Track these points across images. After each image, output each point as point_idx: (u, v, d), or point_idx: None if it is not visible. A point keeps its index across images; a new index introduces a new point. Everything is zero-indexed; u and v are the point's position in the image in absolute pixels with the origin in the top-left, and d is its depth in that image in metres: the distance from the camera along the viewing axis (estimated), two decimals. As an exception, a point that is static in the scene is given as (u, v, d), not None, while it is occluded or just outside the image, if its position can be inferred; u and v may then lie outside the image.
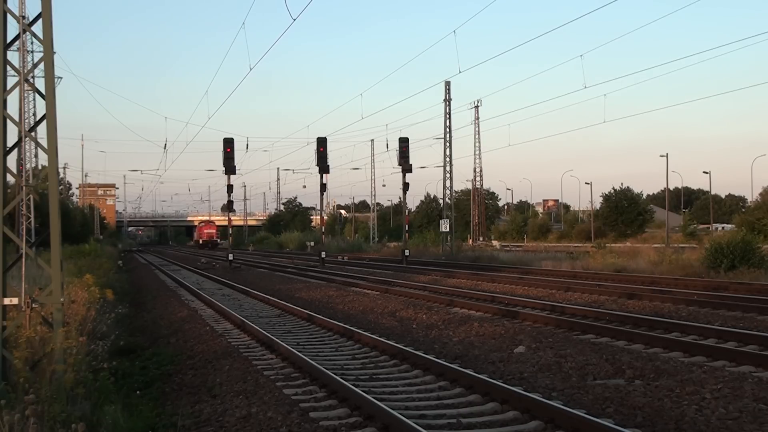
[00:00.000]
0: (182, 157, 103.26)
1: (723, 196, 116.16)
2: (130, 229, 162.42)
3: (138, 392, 9.39)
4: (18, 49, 36.86)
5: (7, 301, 8.43)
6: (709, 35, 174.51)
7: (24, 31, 9.25)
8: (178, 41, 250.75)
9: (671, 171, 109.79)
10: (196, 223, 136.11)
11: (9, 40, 8.78)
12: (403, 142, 42.91)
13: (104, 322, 12.85)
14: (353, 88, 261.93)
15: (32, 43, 42.19)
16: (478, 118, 69.18)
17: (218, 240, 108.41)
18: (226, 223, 66.41)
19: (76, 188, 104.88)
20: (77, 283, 13.01)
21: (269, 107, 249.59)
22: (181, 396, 9.58)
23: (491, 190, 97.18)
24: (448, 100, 53.90)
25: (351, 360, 11.76)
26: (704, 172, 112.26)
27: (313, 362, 10.51)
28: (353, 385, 9.16)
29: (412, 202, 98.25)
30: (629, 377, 9.78)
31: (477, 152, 72.70)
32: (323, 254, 43.32)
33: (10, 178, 11.24)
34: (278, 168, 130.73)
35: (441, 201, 70.84)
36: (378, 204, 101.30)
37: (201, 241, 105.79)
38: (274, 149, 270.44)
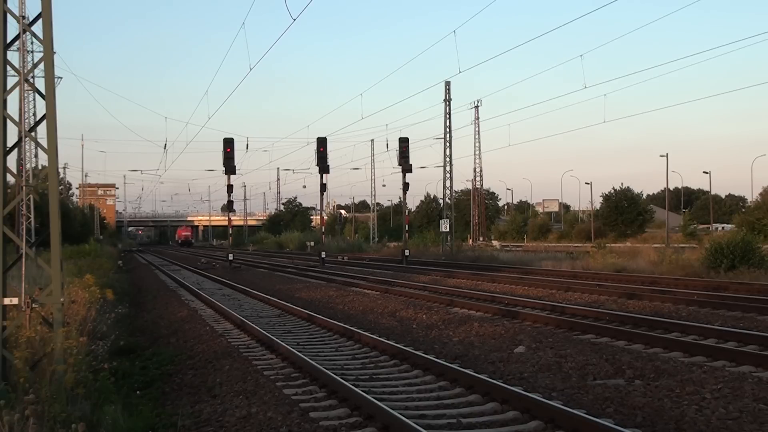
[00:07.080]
0: (182, 157, 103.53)
1: (723, 196, 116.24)
2: (130, 229, 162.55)
3: (138, 392, 9.40)
4: (18, 49, 36.77)
5: (7, 301, 8.42)
6: (709, 35, 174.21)
7: (24, 31, 9.24)
8: (178, 41, 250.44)
9: (671, 171, 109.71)
10: (195, 223, 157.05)
11: (9, 40, 8.78)
12: (403, 142, 42.92)
13: (104, 322, 12.86)
14: (353, 88, 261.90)
15: (32, 43, 42.19)
16: (478, 118, 69.33)
17: (192, 240, 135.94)
18: (226, 223, 66.40)
19: (76, 188, 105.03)
20: (77, 283, 12.99)
21: (269, 107, 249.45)
22: (181, 396, 9.58)
23: (491, 190, 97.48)
24: (448, 100, 53.93)
25: (351, 360, 11.76)
26: (704, 172, 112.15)
27: (313, 362, 10.51)
28: (353, 385, 9.16)
29: (412, 202, 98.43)
30: (629, 377, 9.78)
31: (477, 152, 72.91)
32: (323, 254, 43.34)
33: (10, 178, 11.21)
34: (278, 168, 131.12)
35: (441, 201, 71.00)
36: (378, 204, 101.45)
37: (180, 241, 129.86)
38: (274, 149, 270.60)
